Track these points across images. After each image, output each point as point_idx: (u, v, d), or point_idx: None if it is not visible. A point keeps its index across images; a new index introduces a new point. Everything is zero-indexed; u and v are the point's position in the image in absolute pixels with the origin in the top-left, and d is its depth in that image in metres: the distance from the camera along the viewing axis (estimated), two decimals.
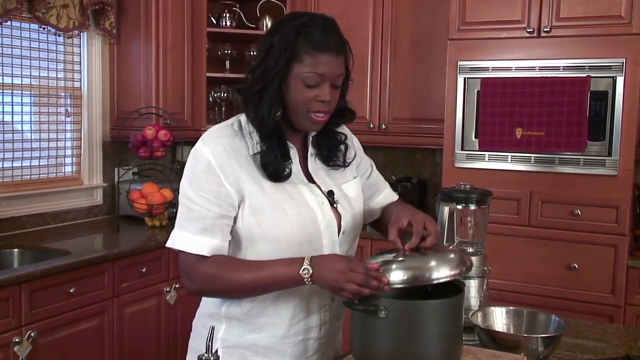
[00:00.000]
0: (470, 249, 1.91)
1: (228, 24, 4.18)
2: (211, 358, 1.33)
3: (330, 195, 1.66)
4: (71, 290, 2.87)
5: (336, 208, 1.65)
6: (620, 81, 3.04)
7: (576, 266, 3.18)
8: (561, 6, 3.16)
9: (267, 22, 4.16)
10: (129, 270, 3.18)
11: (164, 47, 3.79)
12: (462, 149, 3.37)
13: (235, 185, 1.55)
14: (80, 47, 3.79)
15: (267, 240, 1.57)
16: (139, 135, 3.66)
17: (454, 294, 1.47)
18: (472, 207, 1.88)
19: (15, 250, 3.22)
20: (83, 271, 2.93)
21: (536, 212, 3.26)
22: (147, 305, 3.30)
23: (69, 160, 3.81)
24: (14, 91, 3.46)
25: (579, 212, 3.17)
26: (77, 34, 3.67)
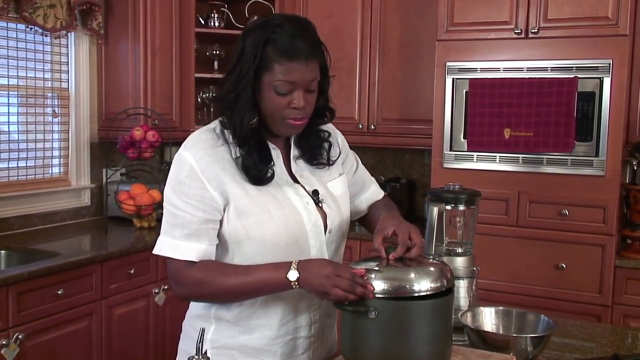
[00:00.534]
0: (459, 249, 1.91)
1: (216, 24, 4.17)
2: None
3: (315, 195, 1.66)
4: (59, 292, 2.86)
5: (321, 207, 1.65)
6: (607, 82, 3.06)
7: (564, 266, 3.20)
8: (549, 7, 3.17)
9: None
10: (117, 272, 3.17)
11: (152, 48, 3.76)
12: (451, 149, 3.38)
13: (219, 189, 1.55)
14: (67, 47, 3.76)
15: (253, 243, 1.57)
16: (127, 136, 3.64)
17: (443, 295, 1.47)
18: (461, 208, 1.89)
19: (3, 252, 3.20)
20: (71, 273, 2.92)
21: (524, 212, 3.27)
22: (135, 306, 3.28)
23: (56, 161, 3.79)
24: (0, 91, 3.43)
25: (566, 212, 3.19)
26: (65, 34, 3.64)
